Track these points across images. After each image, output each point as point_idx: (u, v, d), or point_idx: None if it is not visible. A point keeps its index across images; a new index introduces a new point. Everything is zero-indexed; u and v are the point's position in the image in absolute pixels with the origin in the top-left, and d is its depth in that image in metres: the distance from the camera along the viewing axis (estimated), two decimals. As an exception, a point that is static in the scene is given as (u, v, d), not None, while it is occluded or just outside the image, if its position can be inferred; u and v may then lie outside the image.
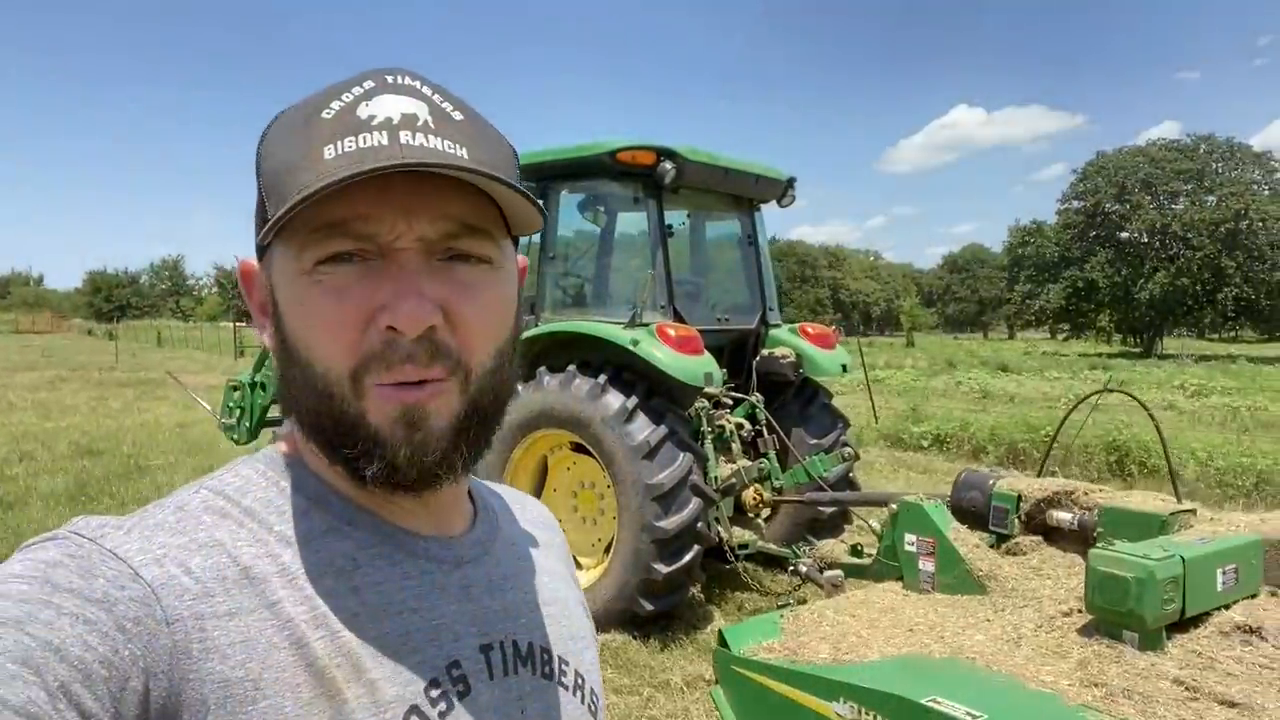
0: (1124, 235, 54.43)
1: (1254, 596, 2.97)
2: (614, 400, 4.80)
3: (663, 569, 4.66)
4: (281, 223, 0.63)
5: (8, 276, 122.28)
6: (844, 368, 5.96)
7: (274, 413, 7.70)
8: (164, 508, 0.67)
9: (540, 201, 0.73)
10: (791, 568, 4.75)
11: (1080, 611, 3.02)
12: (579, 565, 5.32)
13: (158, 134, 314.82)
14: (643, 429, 4.72)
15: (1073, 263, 56.77)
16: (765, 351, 5.90)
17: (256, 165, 0.70)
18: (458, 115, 0.69)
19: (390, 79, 0.69)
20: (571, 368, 5.04)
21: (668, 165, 5.10)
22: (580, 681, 0.83)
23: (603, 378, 4.88)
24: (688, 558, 4.74)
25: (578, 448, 5.18)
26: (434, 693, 0.69)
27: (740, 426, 5.45)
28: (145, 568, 0.60)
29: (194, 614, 0.60)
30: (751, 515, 5.51)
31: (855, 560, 4.45)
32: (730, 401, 5.43)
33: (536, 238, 5.77)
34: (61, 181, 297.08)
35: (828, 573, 4.44)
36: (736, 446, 5.37)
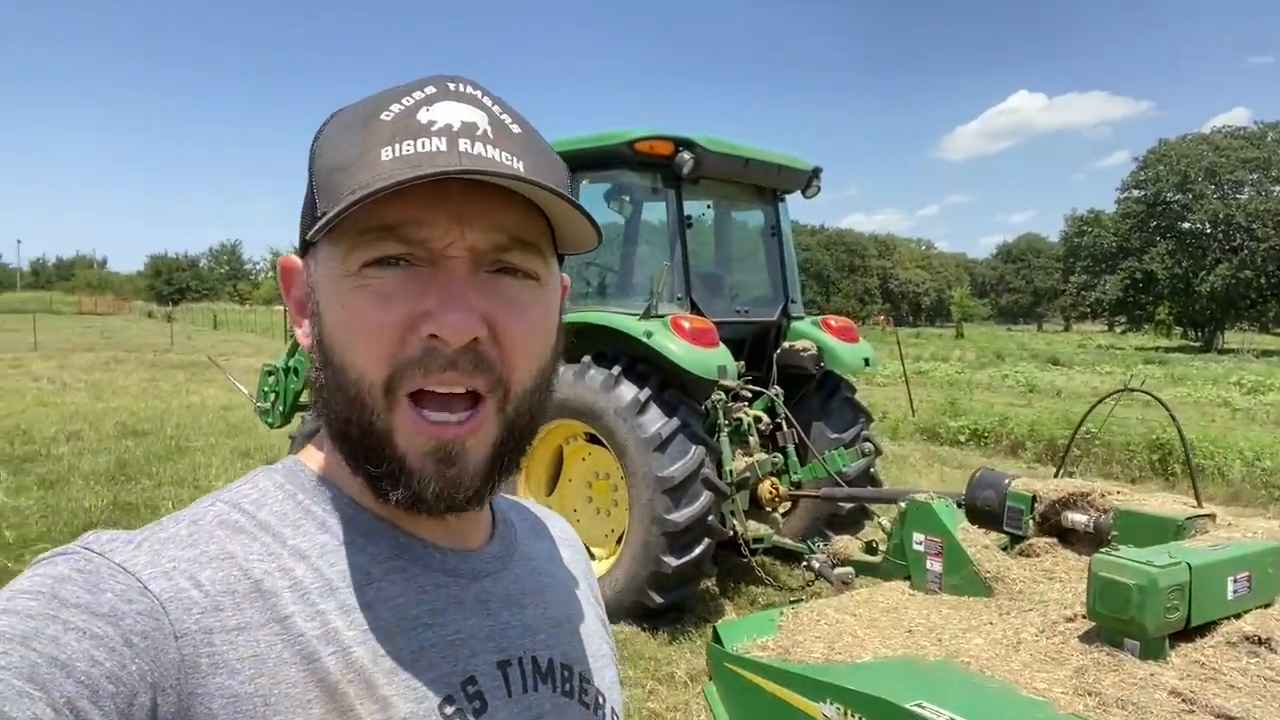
0: (1185, 226, 52.86)
1: (1268, 606, 2.86)
2: (627, 392, 4.79)
3: (672, 562, 4.64)
4: (334, 222, 0.62)
5: (72, 259, 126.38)
6: (866, 361, 5.86)
7: (306, 398, 7.85)
8: (178, 521, 0.67)
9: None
10: (805, 563, 4.70)
11: (1084, 617, 2.95)
12: (592, 556, 5.33)
13: (219, 120, 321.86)
14: (655, 421, 4.70)
15: (1131, 253, 55.29)
16: (786, 344, 5.84)
17: (310, 162, 0.69)
18: (516, 128, 0.69)
19: (452, 86, 0.68)
20: (586, 358, 5.03)
21: (686, 155, 5.06)
22: (600, 700, 0.81)
23: (616, 369, 4.87)
24: (698, 551, 4.71)
25: (592, 438, 5.18)
26: (449, 709, 0.67)
27: (758, 420, 5.40)
28: (153, 581, 0.60)
29: (202, 628, 0.59)
30: (769, 510, 5.47)
31: (867, 558, 4.39)
32: (749, 394, 5.38)
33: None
34: (126, 166, 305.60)
35: (837, 570, 4.38)
36: (754, 440, 5.32)
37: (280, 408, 8.00)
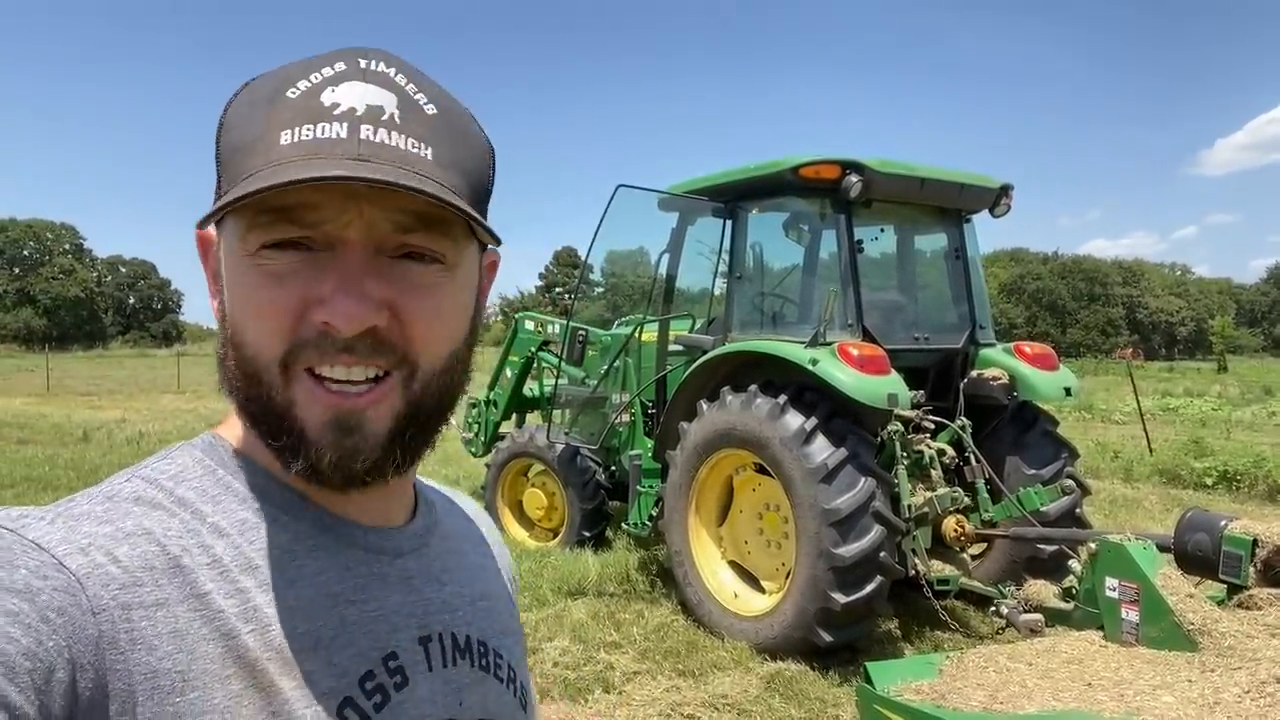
0: None
1: None
2: (793, 421, 4.67)
3: (841, 599, 4.44)
4: (229, 208, 0.62)
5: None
6: (1068, 391, 5.36)
7: (505, 428, 8.30)
8: (92, 497, 0.66)
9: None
10: (993, 608, 4.35)
11: (1301, 679, 2.54)
12: (763, 590, 5.21)
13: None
14: (821, 451, 4.55)
15: None
16: (974, 373, 5.47)
17: (217, 133, 0.68)
18: (430, 109, 0.67)
19: (363, 63, 0.67)
20: (753, 387, 4.96)
21: (853, 179, 4.91)
22: (512, 675, 0.83)
23: (783, 398, 4.76)
24: (869, 588, 4.48)
25: (761, 469, 5.09)
26: (369, 685, 0.69)
27: (942, 453, 5.09)
28: (69, 557, 0.59)
29: (120, 604, 0.59)
30: (955, 549, 5.12)
31: (1060, 604, 4.00)
32: (931, 425, 5.09)
33: (725, 258, 5.78)
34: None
35: (1025, 616, 4.02)
36: (937, 474, 5.01)
37: (482, 438, 8.50)
